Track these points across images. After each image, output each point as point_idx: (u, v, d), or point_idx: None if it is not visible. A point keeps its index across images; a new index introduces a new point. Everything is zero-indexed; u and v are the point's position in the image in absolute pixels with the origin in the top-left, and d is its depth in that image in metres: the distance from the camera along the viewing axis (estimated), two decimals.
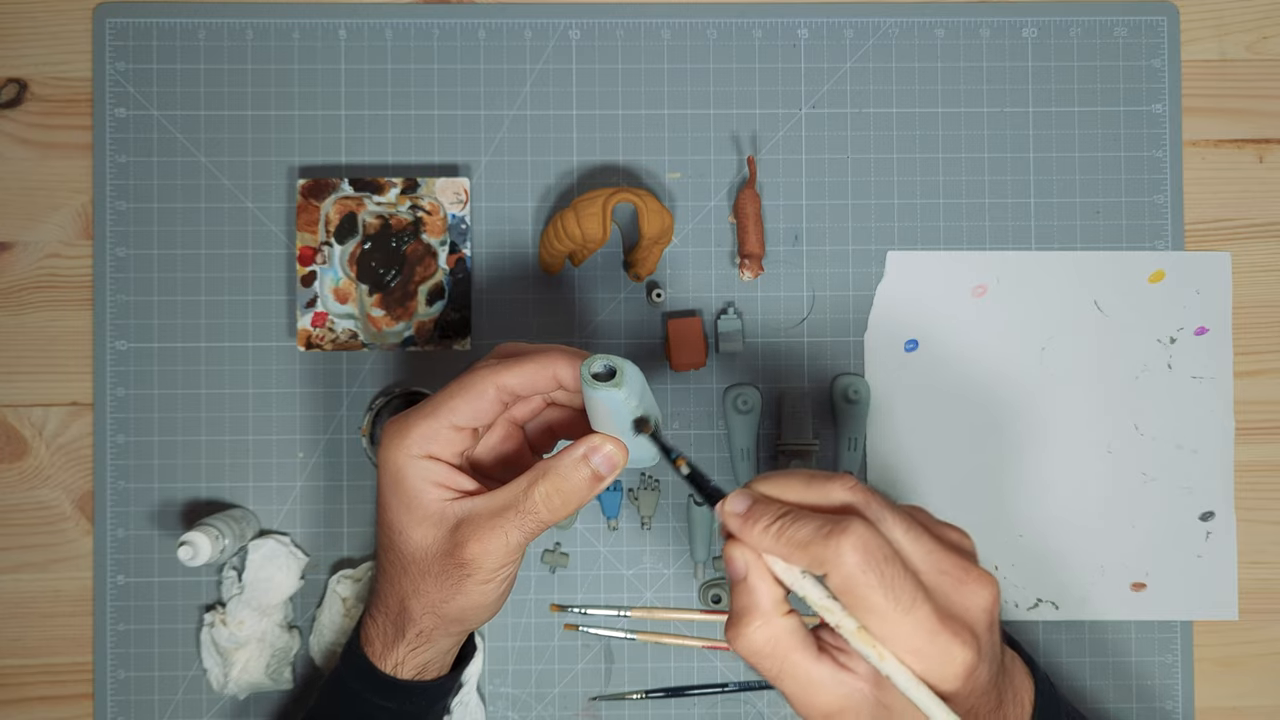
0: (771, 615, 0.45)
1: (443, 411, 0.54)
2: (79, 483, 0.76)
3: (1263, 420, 0.78)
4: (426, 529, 0.54)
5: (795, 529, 0.44)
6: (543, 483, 0.53)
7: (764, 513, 0.45)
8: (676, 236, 0.77)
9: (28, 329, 0.76)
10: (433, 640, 0.58)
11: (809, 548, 0.43)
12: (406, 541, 0.55)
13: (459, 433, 0.54)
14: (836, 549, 0.43)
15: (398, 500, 0.54)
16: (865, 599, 0.43)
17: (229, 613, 0.72)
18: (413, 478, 0.54)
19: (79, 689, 0.75)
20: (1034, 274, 0.77)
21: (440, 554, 0.54)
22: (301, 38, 0.77)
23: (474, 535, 0.53)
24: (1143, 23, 0.78)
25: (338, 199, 0.73)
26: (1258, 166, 0.79)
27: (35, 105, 0.77)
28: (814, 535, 0.43)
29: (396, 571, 0.56)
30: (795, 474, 0.48)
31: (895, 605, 0.42)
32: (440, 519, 0.54)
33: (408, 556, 0.55)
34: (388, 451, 0.54)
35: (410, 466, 0.54)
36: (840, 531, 0.43)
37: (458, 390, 0.54)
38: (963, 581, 0.45)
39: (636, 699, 0.75)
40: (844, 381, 0.76)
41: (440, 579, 0.54)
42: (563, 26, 0.77)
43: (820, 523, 0.44)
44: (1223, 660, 0.77)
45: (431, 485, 0.54)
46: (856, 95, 0.78)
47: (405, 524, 0.54)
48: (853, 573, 0.42)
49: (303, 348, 0.73)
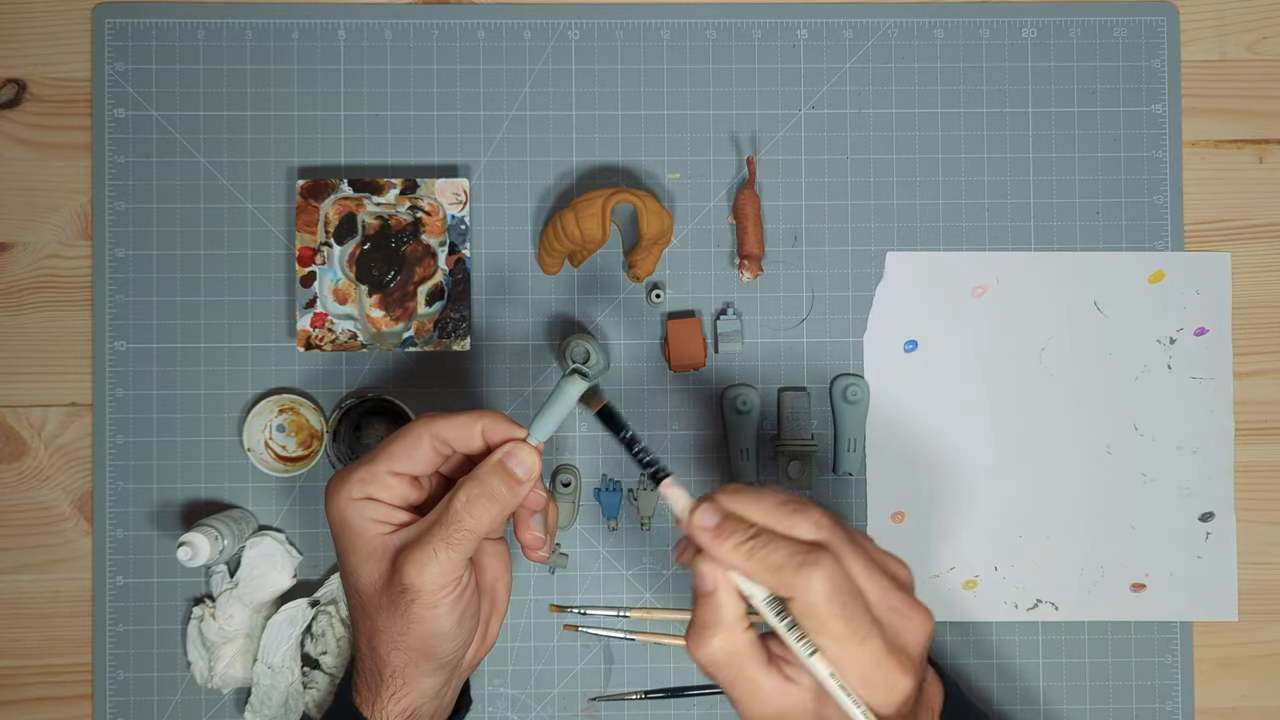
0: (734, 629, 0.49)
1: (380, 458, 0.56)
2: (78, 483, 0.76)
3: (1263, 420, 0.78)
4: (372, 565, 0.55)
5: (768, 551, 0.48)
6: (462, 491, 0.54)
7: (734, 531, 0.49)
8: (676, 237, 0.77)
9: (27, 329, 0.76)
10: (410, 681, 0.57)
11: (780, 572, 0.47)
12: (359, 581, 0.56)
13: (397, 478, 0.56)
14: (808, 578, 0.46)
15: (346, 543, 0.56)
16: (828, 626, 0.47)
17: (219, 607, 0.73)
18: (354, 518, 0.55)
19: (78, 689, 0.75)
20: (1034, 274, 0.77)
21: (385, 586, 0.55)
22: (301, 38, 0.77)
23: (408, 559, 0.54)
24: (1142, 23, 0.78)
25: (337, 199, 0.73)
26: (1258, 167, 0.79)
27: (34, 105, 0.77)
28: (786, 561, 0.47)
29: (359, 615, 0.57)
30: (765, 495, 0.50)
31: (853, 635, 0.47)
32: (383, 553, 0.55)
33: (364, 596, 0.56)
34: (331, 500, 0.56)
35: (350, 509, 0.55)
36: (812, 563, 0.47)
37: (394, 438, 0.56)
38: (907, 617, 0.49)
39: (636, 699, 0.75)
40: (843, 382, 0.76)
41: (391, 612, 0.55)
42: (562, 27, 0.77)
43: (793, 550, 0.47)
44: (1223, 660, 0.77)
45: (371, 522, 0.55)
46: (856, 95, 0.78)
47: (355, 565, 0.56)
48: (819, 602, 0.46)
49: (302, 348, 0.73)
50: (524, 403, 0.76)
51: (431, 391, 0.76)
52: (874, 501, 0.76)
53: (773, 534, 0.48)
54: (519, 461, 0.55)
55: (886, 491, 0.77)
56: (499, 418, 0.56)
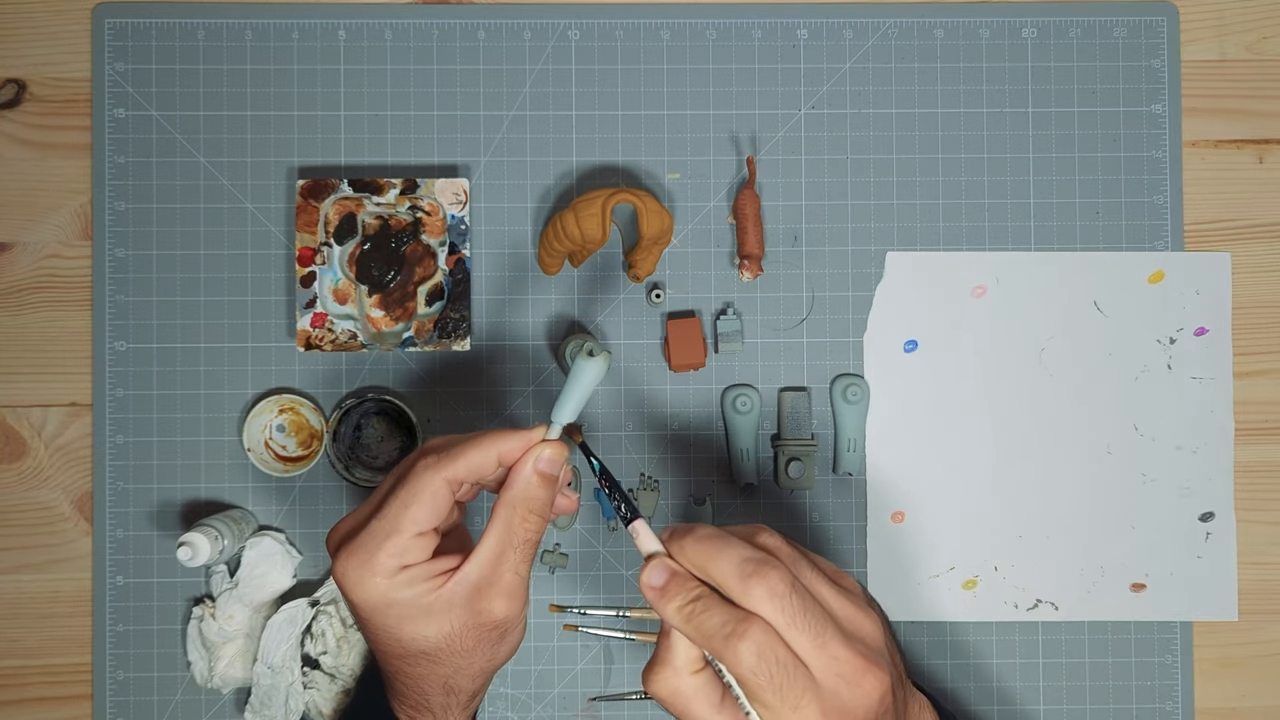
0: (681, 671, 0.49)
1: (405, 524, 0.54)
2: (78, 483, 0.76)
3: (1263, 420, 0.78)
4: (439, 621, 0.55)
5: (703, 619, 0.48)
6: (514, 512, 0.55)
7: (678, 592, 0.49)
8: (676, 237, 0.77)
9: (27, 329, 0.76)
10: (482, 692, 0.60)
11: (712, 640, 0.47)
12: (424, 641, 0.55)
13: (424, 536, 0.55)
14: (735, 650, 0.46)
15: (394, 616, 0.55)
16: (758, 694, 0.47)
17: (219, 607, 0.73)
18: (399, 594, 0.54)
19: (78, 690, 0.75)
20: (1034, 274, 0.77)
21: (469, 629, 0.55)
22: (301, 38, 0.77)
23: (494, 597, 0.55)
24: (1142, 23, 0.78)
25: (337, 199, 0.73)
26: (1258, 167, 0.79)
27: (34, 106, 0.77)
28: (718, 630, 0.47)
29: (425, 668, 0.57)
30: (729, 550, 0.49)
31: (783, 703, 0.46)
32: (447, 605, 0.55)
33: (434, 650, 0.56)
34: (358, 583, 0.54)
35: (390, 588, 0.54)
36: (739, 635, 0.46)
37: (411, 498, 0.54)
38: (857, 683, 0.47)
39: (636, 699, 0.75)
40: (843, 382, 0.76)
41: (479, 647, 0.56)
42: (562, 27, 0.77)
43: (725, 619, 0.47)
44: (1223, 660, 0.77)
45: (420, 589, 0.54)
46: (856, 96, 0.78)
47: (414, 630, 0.55)
48: (746, 674, 0.46)
49: (302, 348, 0.73)
50: (524, 402, 0.76)
51: (431, 391, 0.76)
52: (874, 501, 0.76)
53: (712, 599, 0.48)
54: (551, 463, 0.56)
55: (886, 491, 0.77)
56: (507, 435, 0.56)
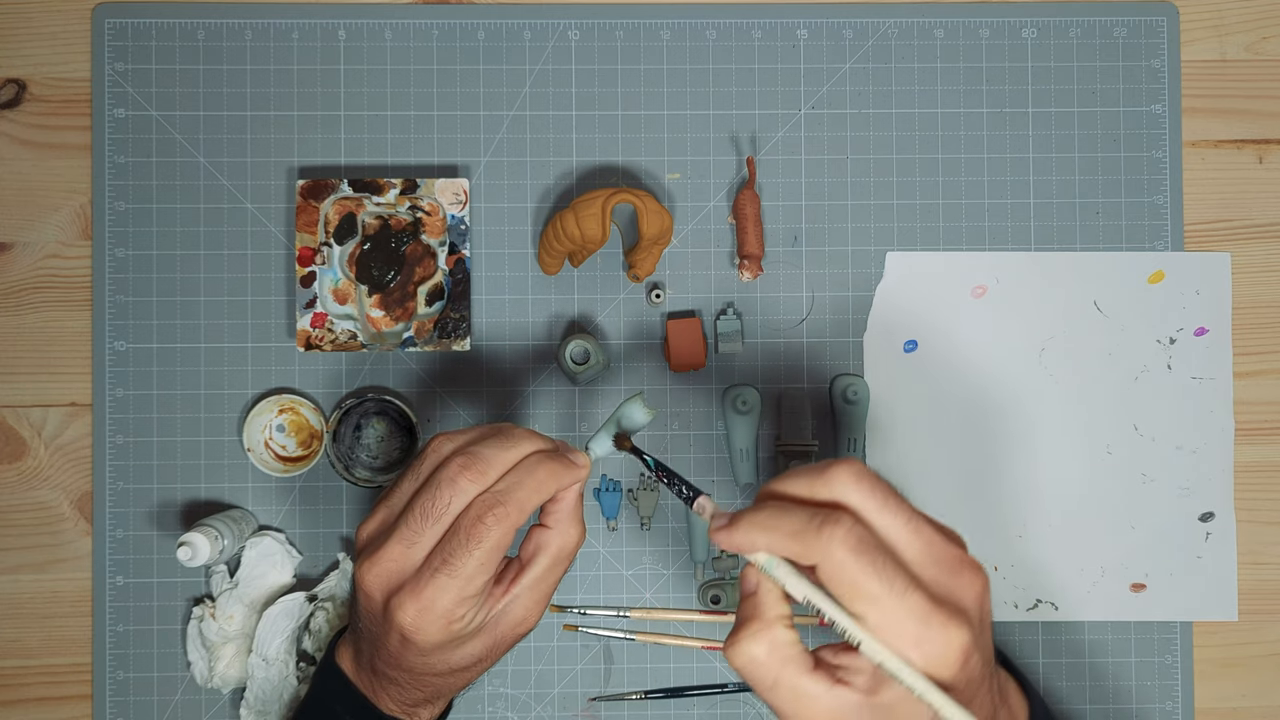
0: (773, 624, 0.46)
1: (478, 580, 0.54)
2: (78, 483, 0.76)
3: (1263, 421, 0.78)
4: (485, 638, 0.58)
5: (788, 517, 0.45)
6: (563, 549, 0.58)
7: (752, 513, 0.46)
8: (676, 237, 0.77)
9: (27, 329, 0.76)
10: None
11: (800, 537, 0.44)
12: (469, 658, 0.57)
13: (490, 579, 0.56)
14: (828, 539, 0.43)
15: (449, 648, 0.56)
16: (860, 585, 0.43)
17: (219, 607, 0.73)
18: (462, 630, 0.55)
19: (78, 690, 0.75)
20: (1034, 274, 0.77)
21: (509, 640, 0.58)
22: (301, 38, 0.77)
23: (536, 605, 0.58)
24: (1142, 23, 0.78)
25: (337, 199, 0.73)
26: (1258, 167, 0.79)
27: (34, 106, 0.77)
28: (805, 525, 0.44)
29: (456, 678, 0.59)
30: (795, 471, 0.48)
31: (889, 590, 0.43)
32: (496, 622, 0.58)
33: (473, 663, 0.58)
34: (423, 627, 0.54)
35: (457, 626, 0.55)
36: (832, 522, 0.44)
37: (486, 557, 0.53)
38: (957, 572, 0.45)
39: (636, 699, 0.75)
40: (843, 382, 0.76)
41: (507, 651, 0.60)
42: (562, 27, 0.77)
43: (810, 514, 0.44)
44: (1223, 661, 0.77)
45: (480, 615, 0.56)
46: (856, 96, 0.78)
47: (464, 653, 0.57)
48: (845, 560, 0.43)
49: (302, 348, 0.73)
50: (524, 402, 0.76)
51: (431, 391, 0.76)
52: None
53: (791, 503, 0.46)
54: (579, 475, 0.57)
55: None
56: (555, 469, 0.55)
